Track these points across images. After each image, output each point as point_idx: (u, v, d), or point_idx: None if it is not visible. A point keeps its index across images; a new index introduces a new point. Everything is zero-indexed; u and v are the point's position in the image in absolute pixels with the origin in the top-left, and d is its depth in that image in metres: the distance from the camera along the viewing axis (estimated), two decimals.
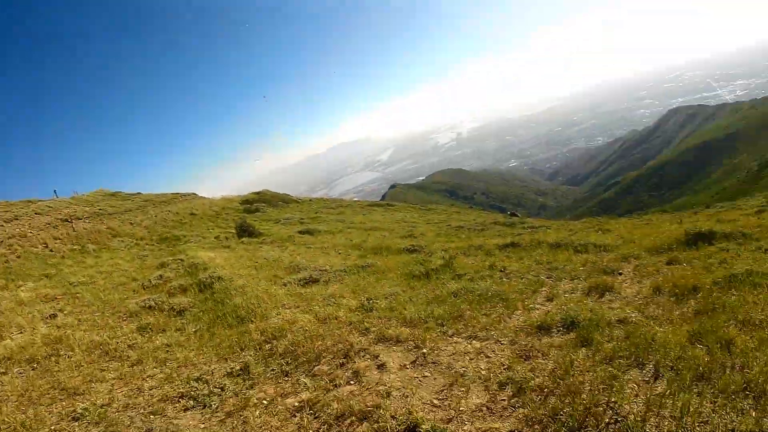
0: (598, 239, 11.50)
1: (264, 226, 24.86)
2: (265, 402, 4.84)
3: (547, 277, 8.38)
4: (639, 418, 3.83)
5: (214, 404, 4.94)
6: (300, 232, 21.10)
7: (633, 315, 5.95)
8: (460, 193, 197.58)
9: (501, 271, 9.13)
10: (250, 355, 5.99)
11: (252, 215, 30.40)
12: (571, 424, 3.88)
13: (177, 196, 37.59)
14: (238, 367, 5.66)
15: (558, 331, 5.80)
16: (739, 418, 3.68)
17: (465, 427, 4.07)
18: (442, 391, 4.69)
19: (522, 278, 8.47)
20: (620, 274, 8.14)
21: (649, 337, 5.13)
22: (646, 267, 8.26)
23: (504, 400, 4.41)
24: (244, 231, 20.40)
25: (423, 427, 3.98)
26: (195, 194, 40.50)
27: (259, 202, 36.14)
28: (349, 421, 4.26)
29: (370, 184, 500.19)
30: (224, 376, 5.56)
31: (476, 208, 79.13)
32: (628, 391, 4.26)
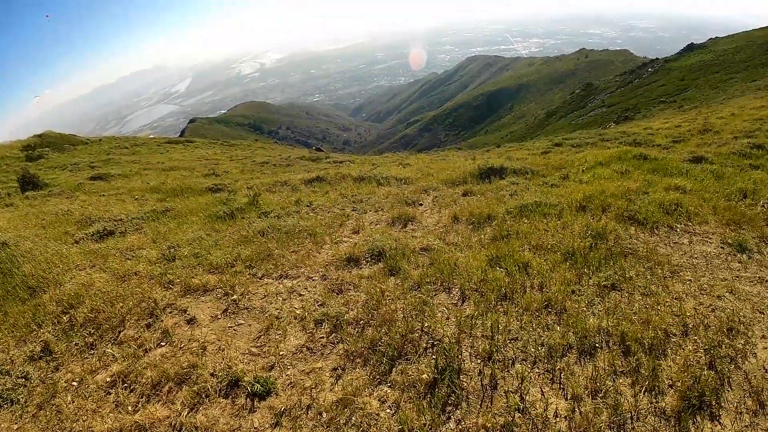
0: (400, 172, 11.87)
1: (50, 175, 21.46)
2: (74, 384, 4.12)
3: (353, 210, 8.38)
4: (454, 340, 3.95)
5: (23, 398, 4.04)
6: (91, 179, 18.64)
7: (435, 243, 6.18)
8: (265, 128, 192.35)
9: (307, 206, 8.92)
10: (49, 332, 4.98)
11: (35, 163, 26.00)
12: (390, 353, 3.90)
13: None
14: (38, 349, 4.69)
15: (367, 261, 5.81)
16: (546, 333, 3.98)
17: (288, 372, 3.95)
18: (259, 337, 4.46)
19: (328, 212, 8.35)
20: (421, 204, 8.45)
21: (452, 263, 5.36)
22: (444, 198, 8.68)
23: (323, 337, 4.34)
24: (28, 183, 17.38)
25: (246, 379, 3.81)
26: None
27: (42, 146, 30.94)
28: (167, 387, 3.87)
29: (168, 118, 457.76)
30: (26, 361, 4.56)
31: (281, 143, 78.06)
32: (439, 315, 4.40)
